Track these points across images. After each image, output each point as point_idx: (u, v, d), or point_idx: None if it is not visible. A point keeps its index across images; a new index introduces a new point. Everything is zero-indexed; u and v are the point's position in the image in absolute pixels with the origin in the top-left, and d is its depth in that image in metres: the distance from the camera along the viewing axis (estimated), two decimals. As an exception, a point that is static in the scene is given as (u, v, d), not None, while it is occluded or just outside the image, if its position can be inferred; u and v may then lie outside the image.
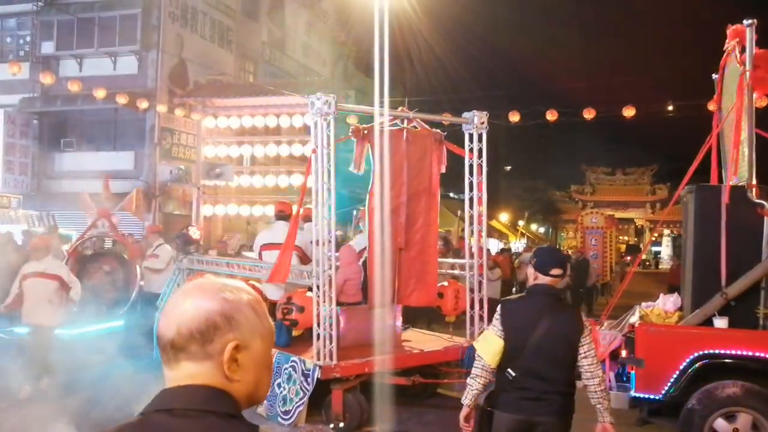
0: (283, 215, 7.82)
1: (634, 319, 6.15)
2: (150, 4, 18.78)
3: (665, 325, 5.83)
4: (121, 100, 16.88)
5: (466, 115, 7.32)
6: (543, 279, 3.48)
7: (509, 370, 3.40)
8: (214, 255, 10.27)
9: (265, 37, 23.79)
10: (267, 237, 7.82)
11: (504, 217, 43.14)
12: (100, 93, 16.22)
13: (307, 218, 8.72)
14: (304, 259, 7.36)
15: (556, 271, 3.48)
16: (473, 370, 3.52)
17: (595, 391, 3.47)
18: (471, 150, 7.32)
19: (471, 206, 7.41)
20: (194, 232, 10.43)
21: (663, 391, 5.48)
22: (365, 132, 6.50)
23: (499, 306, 3.56)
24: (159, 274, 9.80)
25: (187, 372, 1.24)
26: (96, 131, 18.39)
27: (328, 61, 28.35)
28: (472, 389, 3.50)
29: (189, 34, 19.86)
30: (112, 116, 18.74)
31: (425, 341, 7.43)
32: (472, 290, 7.30)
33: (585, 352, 3.46)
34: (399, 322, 7.38)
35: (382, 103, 6.57)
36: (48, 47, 19.34)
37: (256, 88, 17.30)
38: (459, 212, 27.10)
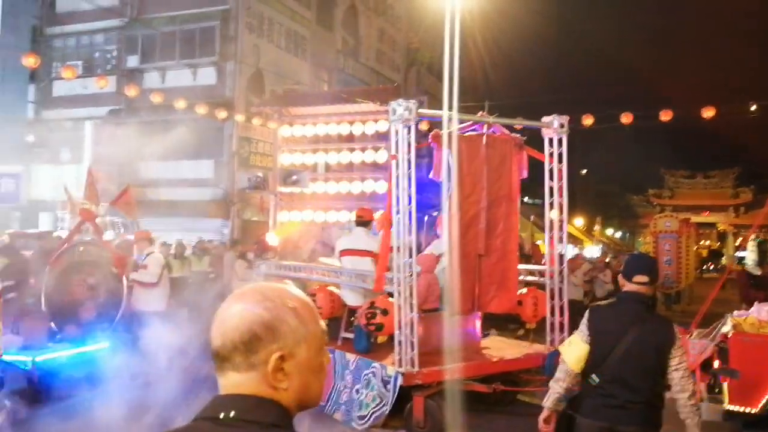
0: (362, 221, 7.89)
1: (726, 328, 5.90)
2: (228, 16, 19.42)
3: (762, 335, 5.56)
4: (201, 110, 17.48)
5: (545, 119, 7.21)
6: (629, 286, 3.45)
7: (593, 376, 3.37)
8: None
9: (339, 45, 24.15)
10: (346, 243, 7.90)
11: (578, 222, 42.16)
12: (180, 104, 16.85)
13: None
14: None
15: (639, 278, 3.43)
16: (556, 374, 3.52)
17: (685, 405, 3.35)
18: (551, 154, 7.20)
19: (551, 211, 7.29)
20: (272, 239, 10.59)
21: (760, 404, 5.24)
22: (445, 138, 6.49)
23: (587, 311, 3.54)
24: (152, 289, 8.77)
25: (234, 381, 1.26)
26: (177, 141, 19.09)
27: (401, 66, 28.53)
28: (554, 393, 3.50)
29: (265, 44, 20.39)
30: (192, 126, 19.43)
31: (505, 348, 7.34)
32: (552, 297, 7.17)
33: (676, 365, 3.35)
34: (479, 329, 7.32)
35: (459, 108, 6.54)
36: (133, 61, 20.27)
37: (330, 96, 17.58)
38: (532, 217, 26.69)
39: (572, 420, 3.45)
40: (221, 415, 1.23)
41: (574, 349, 3.45)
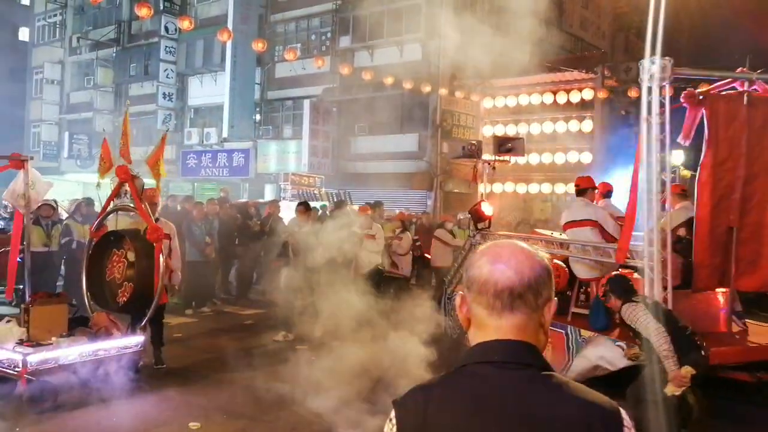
0: (579, 189, 7.54)
1: None
2: (433, -7, 19.54)
3: None
4: (407, 85, 17.86)
5: (822, 72, 6.29)
6: None
7: None
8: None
9: (542, 14, 23.36)
10: (567, 215, 7.62)
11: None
12: (388, 80, 17.35)
13: (608, 193, 8.30)
14: (605, 234, 7.01)
15: None
16: None
17: None
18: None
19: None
20: (486, 209, 10.48)
21: None
22: (700, 97, 5.91)
23: None
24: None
25: (515, 322, 1.30)
26: (384, 116, 19.71)
27: (607, 33, 26.96)
28: None
29: (468, 17, 20.27)
30: (398, 101, 19.93)
31: (763, 333, 6.59)
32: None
33: None
34: (733, 309, 6.63)
35: (711, 66, 5.92)
36: (345, 41, 21.22)
37: (533, 66, 17.09)
38: None
39: None
40: (496, 359, 1.28)
41: None
